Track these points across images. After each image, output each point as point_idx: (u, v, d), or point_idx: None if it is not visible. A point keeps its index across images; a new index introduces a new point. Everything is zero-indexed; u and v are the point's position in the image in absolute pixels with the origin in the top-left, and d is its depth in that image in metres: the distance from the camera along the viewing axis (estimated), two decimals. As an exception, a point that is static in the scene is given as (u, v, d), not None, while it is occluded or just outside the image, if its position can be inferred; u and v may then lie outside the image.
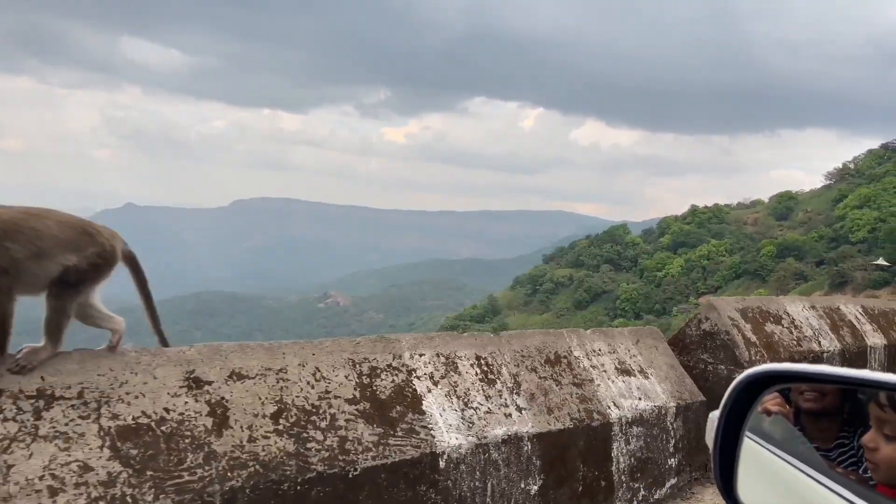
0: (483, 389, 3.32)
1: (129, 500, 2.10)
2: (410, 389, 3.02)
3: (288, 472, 2.45)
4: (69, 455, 2.10)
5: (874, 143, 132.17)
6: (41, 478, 2.02)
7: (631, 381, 4.08)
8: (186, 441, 2.33)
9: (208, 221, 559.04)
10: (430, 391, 3.08)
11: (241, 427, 2.48)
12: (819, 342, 5.91)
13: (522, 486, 3.26)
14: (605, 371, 3.99)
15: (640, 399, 4.00)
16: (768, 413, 1.77)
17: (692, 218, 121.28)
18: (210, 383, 2.54)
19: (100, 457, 2.15)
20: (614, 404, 3.83)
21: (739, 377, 1.67)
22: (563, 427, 3.46)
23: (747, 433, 1.70)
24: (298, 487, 2.46)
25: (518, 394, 3.42)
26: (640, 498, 3.96)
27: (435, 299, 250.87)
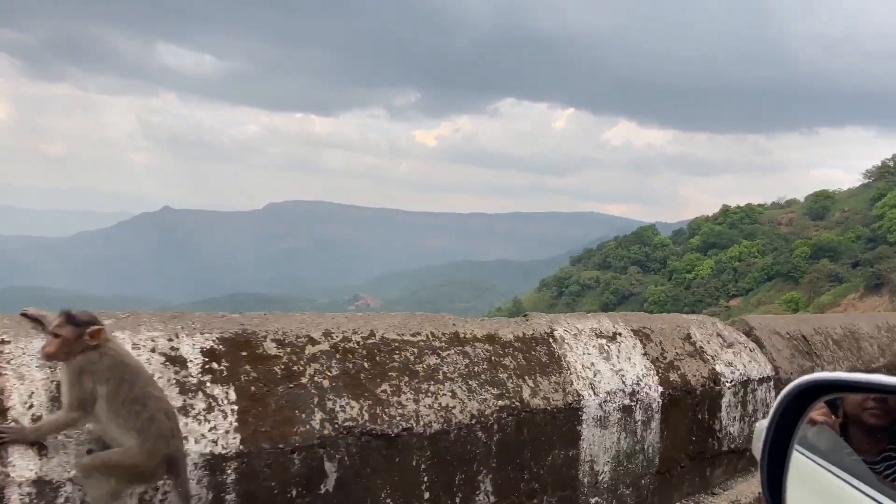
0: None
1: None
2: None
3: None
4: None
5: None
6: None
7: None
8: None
9: (242, 224, 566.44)
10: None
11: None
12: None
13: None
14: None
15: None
16: (813, 423, 1.74)
17: (724, 218, 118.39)
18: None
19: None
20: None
21: (789, 386, 1.63)
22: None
23: (796, 445, 1.65)
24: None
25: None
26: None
27: (464, 301, 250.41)
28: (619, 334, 3.86)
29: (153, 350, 2.31)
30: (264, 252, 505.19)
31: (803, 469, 1.67)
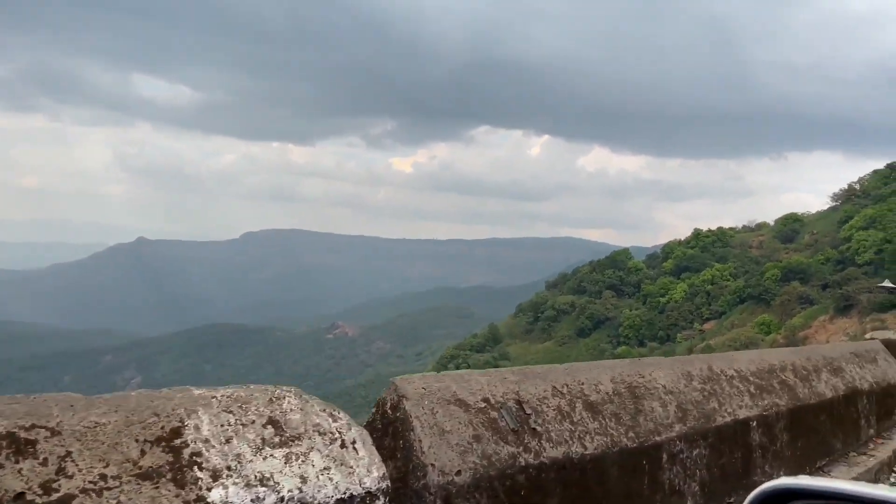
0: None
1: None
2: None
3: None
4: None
5: (880, 164, 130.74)
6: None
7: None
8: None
9: (219, 254, 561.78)
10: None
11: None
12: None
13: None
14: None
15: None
16: None
17: (696, 242, 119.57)
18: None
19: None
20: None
21: (753, 494, 1.48)
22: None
23: None
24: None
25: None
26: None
27: (444, 328, 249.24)
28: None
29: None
30: (242, 281, 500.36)
31: None
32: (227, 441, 2.09)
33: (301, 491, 2.10)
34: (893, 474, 6.35)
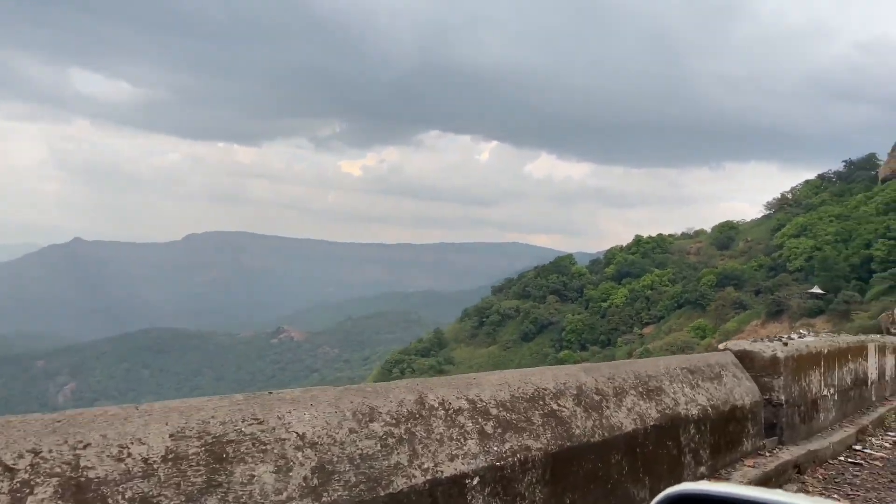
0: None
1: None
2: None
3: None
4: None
5: (812, 174, 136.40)
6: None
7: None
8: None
9: (160, 256, 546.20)
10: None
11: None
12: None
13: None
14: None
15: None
16: None
17: (636, 248, 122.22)
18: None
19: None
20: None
21: (656, 499, 1.50)
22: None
23: None
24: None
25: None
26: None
27: (390, 332, 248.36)
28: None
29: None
30: (183, 285, 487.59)
31: None
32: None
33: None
34: None
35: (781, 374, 6.45)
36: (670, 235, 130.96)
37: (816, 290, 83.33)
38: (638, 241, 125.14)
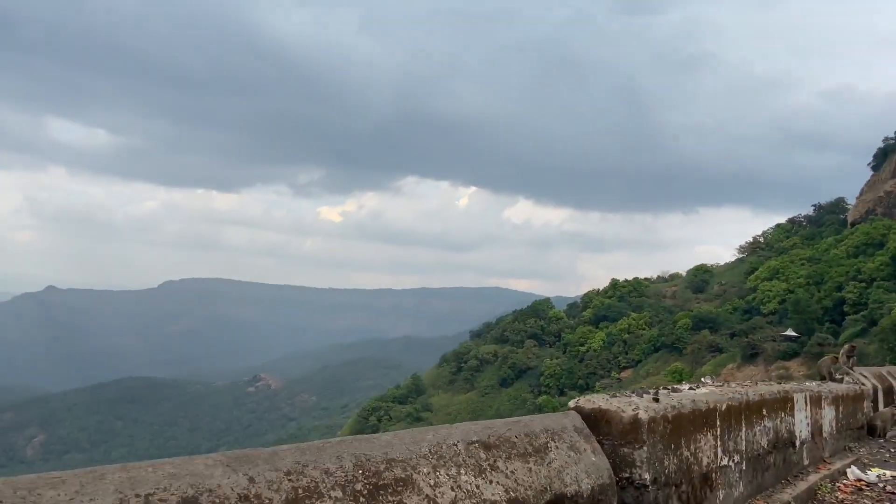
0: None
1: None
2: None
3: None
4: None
5: (783, 219, 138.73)
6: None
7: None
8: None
9: (135, 304, 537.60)
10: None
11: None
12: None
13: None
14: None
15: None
16: None
17: (613, 291, 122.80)
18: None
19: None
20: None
21: None
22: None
23: None
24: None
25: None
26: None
27: (370, 379, 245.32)
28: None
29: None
30: (159, 333, 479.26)
31: None
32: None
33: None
34: None
35: (646, 441, 4.39)
36: (646, 279, 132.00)
37: (790, 332, 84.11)
38: (614, 284, 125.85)
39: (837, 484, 7.67)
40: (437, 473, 3.03)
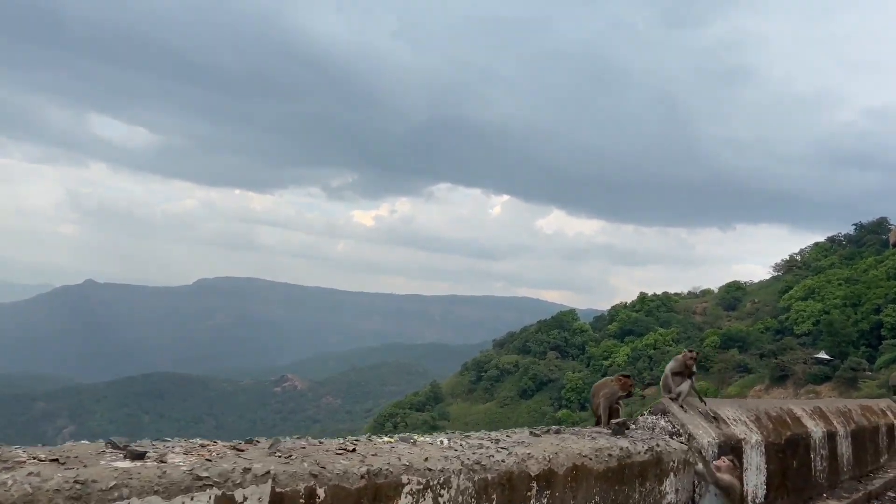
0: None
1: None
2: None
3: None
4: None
5: (821, 237, 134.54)
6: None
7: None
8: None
9: (170, 300, 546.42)
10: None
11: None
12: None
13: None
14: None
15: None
16: None
17: (641, 305, 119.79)
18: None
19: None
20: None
21: None
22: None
23: None
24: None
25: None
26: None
27: (394, 384, 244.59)
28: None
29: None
30: (190, 329, 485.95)
31: None
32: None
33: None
34: None
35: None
36: (676, 294, 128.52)
37: (823, 355, 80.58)
38: (643, 298, 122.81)
39: None
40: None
